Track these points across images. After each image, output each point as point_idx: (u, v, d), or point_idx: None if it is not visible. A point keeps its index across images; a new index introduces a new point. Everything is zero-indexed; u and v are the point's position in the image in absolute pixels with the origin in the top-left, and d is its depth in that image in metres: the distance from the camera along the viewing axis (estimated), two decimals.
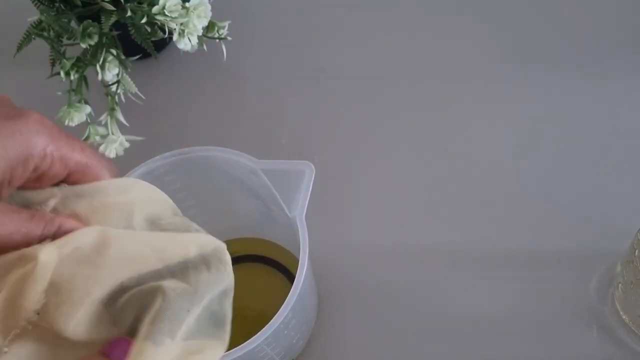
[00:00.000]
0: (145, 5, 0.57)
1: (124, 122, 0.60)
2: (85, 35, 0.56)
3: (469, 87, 0.67)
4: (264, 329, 0.43)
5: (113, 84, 0.60)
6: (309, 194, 0.46)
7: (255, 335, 0.43)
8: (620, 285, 0.52)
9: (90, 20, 0.57)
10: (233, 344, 0.43)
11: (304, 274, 0.44)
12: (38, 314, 0.29)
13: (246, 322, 0.57)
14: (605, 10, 0.70)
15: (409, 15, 0.73)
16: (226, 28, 0.63)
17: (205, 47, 0.63)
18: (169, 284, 0.31)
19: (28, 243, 0.30)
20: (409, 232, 0.60)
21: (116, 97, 0.60)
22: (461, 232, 0.60)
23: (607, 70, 0.66)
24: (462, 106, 0.66)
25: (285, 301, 0.43)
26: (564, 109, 0.65)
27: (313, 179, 0.46)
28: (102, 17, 0.57)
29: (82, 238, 0.30)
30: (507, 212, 0.60)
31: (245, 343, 0.42)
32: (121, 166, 0.37)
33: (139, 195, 0.33)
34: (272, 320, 0.43)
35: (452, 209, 0.61)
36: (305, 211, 0.46)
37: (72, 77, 0.58)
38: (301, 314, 0.50)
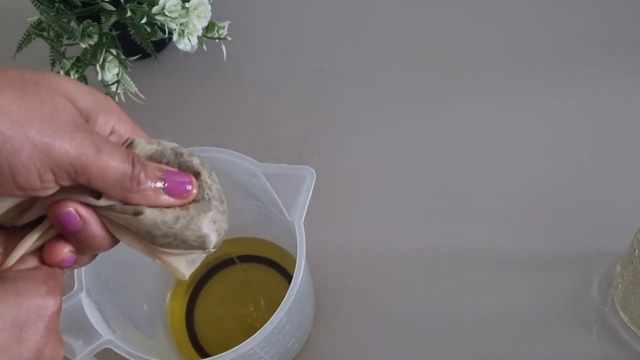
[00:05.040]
0: (145, 6, 0.57)
1: None
2: (85, 35, 0.56)
3: (468, 89, 0.67)
4: (256, 333, 0.42)
5: (113, 83, 0.60)
6: (309, 199, 0.46)
7: (248, 339, 0.42)
8: (620, 285, 0.52)
9: (90, 20, 0.57)
10: (231, 343, 0.43)
11: (299, 279, 0.44)
12: None
13: (244, 321, 0.57)
14: (608, 12, 0.70)
15: (409, 15, 0.73)
16: (226, 28, 0.63)
17: (205, 47, 0.63)
18: None
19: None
20: (409, 235, 0.60)
21: (116, 97, 0.60)
22: (460, 233, 0.60)
23: (605, 71, 0.66)
24: (461, 108, 0.66)
25: (280, 306, 0.43)
26: (564, 110, 0.65)
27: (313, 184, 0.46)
28: (102, 17, 0.57)
29: None
30: (506, 213, 0.60)
31: (237, 347, 0.42)
32: None
33: None
34: (265, 325, 0.43)
35: (451, 210, 0.61)
36: (304, 216, 0.46)
37: (72, 77, 0.58)
38: (297, 318, 0.50)
